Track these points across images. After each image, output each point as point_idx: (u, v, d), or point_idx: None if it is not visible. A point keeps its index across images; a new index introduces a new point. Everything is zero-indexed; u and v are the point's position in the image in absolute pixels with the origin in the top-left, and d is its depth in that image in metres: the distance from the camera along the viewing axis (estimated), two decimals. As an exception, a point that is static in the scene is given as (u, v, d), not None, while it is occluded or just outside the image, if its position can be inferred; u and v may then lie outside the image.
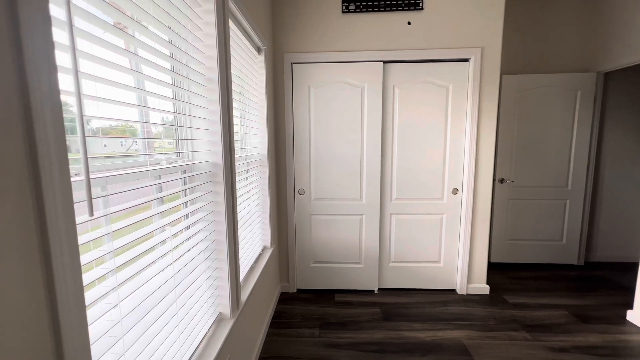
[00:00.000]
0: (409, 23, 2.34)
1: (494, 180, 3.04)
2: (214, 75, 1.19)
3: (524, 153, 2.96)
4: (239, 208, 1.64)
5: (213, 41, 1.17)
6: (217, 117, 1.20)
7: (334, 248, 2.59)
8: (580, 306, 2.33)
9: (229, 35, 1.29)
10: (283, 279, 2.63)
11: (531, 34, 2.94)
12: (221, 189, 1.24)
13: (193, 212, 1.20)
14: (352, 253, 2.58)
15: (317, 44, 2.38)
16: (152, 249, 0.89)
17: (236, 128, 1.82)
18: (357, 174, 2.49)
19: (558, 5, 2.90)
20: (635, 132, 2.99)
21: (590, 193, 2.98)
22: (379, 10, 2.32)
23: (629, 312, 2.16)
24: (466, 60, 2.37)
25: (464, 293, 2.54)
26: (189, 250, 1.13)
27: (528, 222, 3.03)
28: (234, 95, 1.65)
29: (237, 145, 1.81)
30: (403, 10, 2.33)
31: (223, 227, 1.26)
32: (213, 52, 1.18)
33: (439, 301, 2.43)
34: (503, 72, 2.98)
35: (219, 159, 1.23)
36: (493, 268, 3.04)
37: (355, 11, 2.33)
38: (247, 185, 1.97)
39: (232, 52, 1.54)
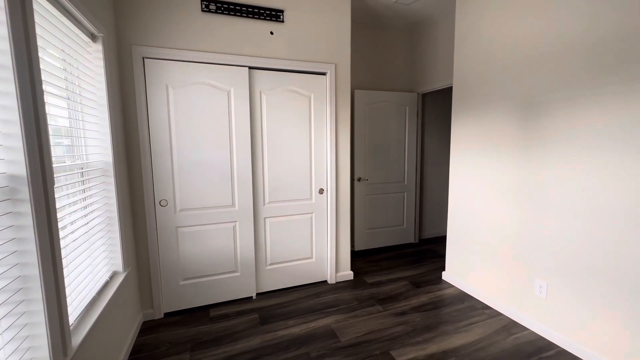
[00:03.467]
0: (271, 33, 2.44)
1: (352, 179, 3.53)
2: (6, 59, 0.91)
3: (373, 155, 3.55)
4: (66, 231, 1.32)
5: (1, 15, 0.89)
6: (14, 115, 0.92)
7: (207, 260, 2.42)
8: (415, 275, 2.97)
9: (32, 10, 1.02)
10: (146, 306, 2.27)
11: (375, 58, 3.57)
12: (27, 209, 0.95)
13: (-24, 244, 0.88)
14: (227, 262, 2.48)
15: (176, 40, 2.18)
16: None
17: (62, 130, 1.46)
18: (227, 180, 2.41)
19: (391, 38, 3.62)
20: (442, 139, 4.05)
21: (419, 186, 3.86)
22: (242, 16, 2.32)
23: (443, 273, 2.90)
24: (323, 73, 2.65)
25: (334, 282, 2.83)
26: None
27: (380, 213, 3.66)
28: (56, 90, 1.32)
29: (62, 151, 1.46)
30: (265, 19, 2.40)
31: (34, 259, 0.98)
32: (2, 30, 0.90)
33: (313, 294, 2.62)
34: (356, 87, 3.50)
35: (20, 169, 0.94)
36: (357, 256, 3.51)
37: (216, 12, 2.25)
38: (83, 199, 1.62)
39: (45, 35, 1.22)
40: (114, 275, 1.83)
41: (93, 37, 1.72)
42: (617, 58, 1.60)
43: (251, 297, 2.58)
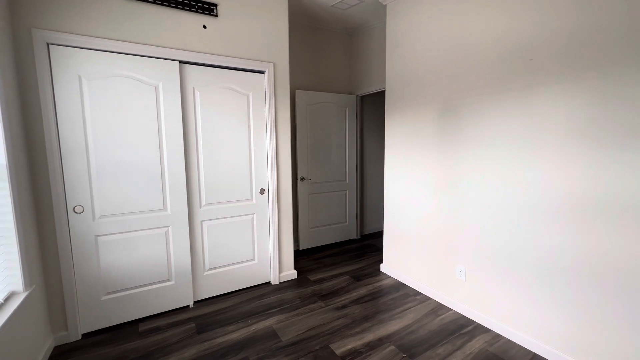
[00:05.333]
0: (204, 27, 2.32)
1: (295, 179, 3.54)
2: None
3: (316, 155, 3.61)
4: None
5: None
6: None
7: (135, 270, 2.21)
8: (356, 269, 3.10)
9: None
10: (58, 328, 1.98)
11: (316, 60, 3.62)
12: None
13: None
14: (159, 271, 2.29)
15: (90, 27, 1.94)
16: None
17: None
18: (157, 182, 2.23)
19: (331, 42, 3.72)
20: (380, 139, 4.30)
21: (359, 184, 4.03)
22: (170, 6, 2.17)
23: (381, 265, 3.08)
24: (262, 72, 2.61)
25: (277, 282, 2.81)
26: None
27: (323, 211, 3.74)
28: None
29: None
30: (198, 12, 2.28)
31: None
32: None
33: (255, 296, 2.57)
34: (297, 87, 3.51)
35: None
36: (302, 254, 3.53)
37: (140, -1, 2.07)
38: (-36, 209, 1.35)
39: None
40: (10, 296, 1.56)
41: (-25, 15, 1.44)
42: (512, 71, 1.88)
43: (188, 305, 2.43)
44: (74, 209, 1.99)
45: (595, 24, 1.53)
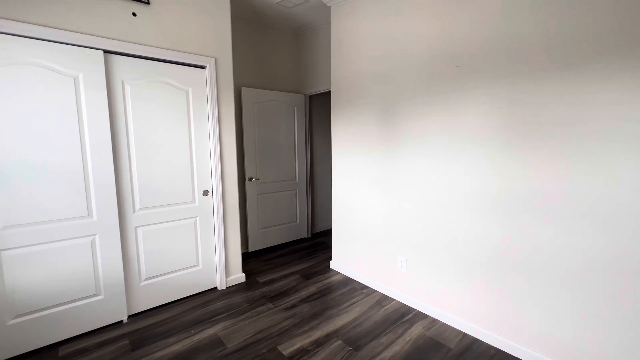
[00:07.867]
0: (134, 14, 2.12)
1: (243, 179, 3.44)
2: None
3: (264, 154, 3.54)
4: None
5: None
6: None
7: (53, 287, 1.94)
8: (306, 268, 3.12)
9: None
10: (-52, 363, 1.65)
11: (263, 58, 3.54)
12: None
13: None
14: (85, 285, 2.04)
15: (-13, 3, 1.64)
16: None
17: None
18: (80, 186, 1.98)
19: (279, 40, 3.66)
20: (327, 137, 4.37)
21: (309, 183, 4.06)
22: (91, -12, 1.93)
23: (331, 262, 3.14)
24: (203, 67, 2.47)
25: (224, 287, 2.69)
26: None
27: (273, 211, 3.69)
28: None
29: None
30: (126, -3, 2.07)
31: None
32: None
33: (200, 304, 2.43)
34: (243, 85, 3.40)
35: None
36: (252, 256, 3.44)
37: (51, -23, 1.81)
38: None
39: None
40: None
41: None
42: (441, 75, 2.04)
43: (121, 321, 2.21)
44: (-33, 219, 1.67)
45: (508, 38, 1.73)
